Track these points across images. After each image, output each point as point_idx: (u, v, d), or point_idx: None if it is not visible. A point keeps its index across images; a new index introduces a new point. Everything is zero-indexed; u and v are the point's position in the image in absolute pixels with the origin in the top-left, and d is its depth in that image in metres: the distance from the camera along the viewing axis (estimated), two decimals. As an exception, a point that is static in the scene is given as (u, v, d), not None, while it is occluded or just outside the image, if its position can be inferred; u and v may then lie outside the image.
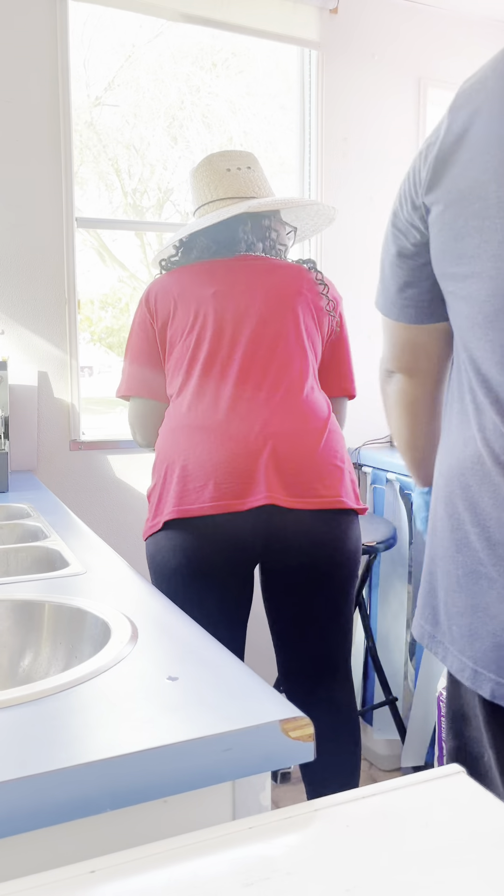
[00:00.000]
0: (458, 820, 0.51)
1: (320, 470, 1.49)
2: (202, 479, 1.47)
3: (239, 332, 1.56)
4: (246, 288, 1.59)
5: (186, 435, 1.52)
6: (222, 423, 1.49)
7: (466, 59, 2.71)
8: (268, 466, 1.47)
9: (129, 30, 2.76)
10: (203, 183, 1.71)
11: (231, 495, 1.46)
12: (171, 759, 0.59)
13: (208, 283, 1.60)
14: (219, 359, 1.55)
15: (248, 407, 1.51)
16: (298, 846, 0.49)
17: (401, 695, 2.28)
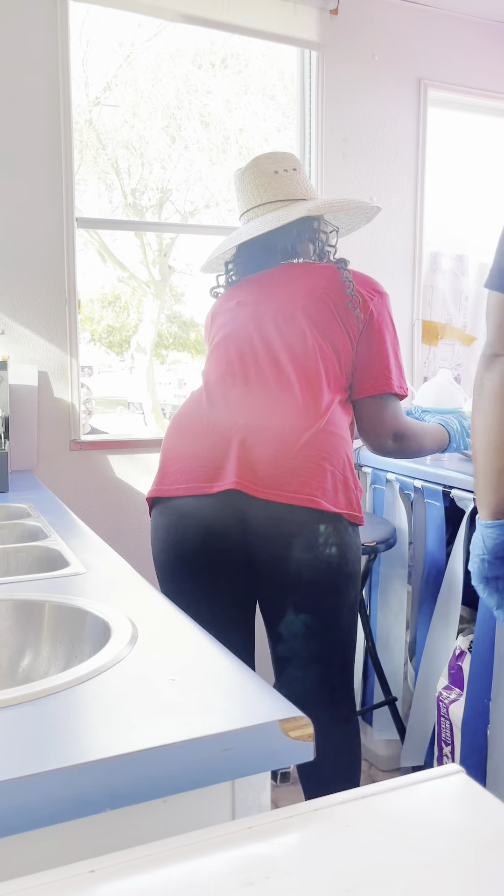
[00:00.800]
0: (457, 819, 0.51)
1: (297, 467, 1.46)
2: (181, 462, 1.55)
3: (246, 336, 1.61)
4: (264, 297, 1.64)
5: (177, 427, 1.62)
6: (205, 416, 1.57)
7: (466, 59, 2.71)
8: (240, 456, 1.48)
9: (127, 30, 2.76)
10: (252, 185, 1.69)
11: (203, 479, 1.51)
12: (170, 759, 0.59)
13: (233, 297, 1.71)
14: (221, 362, 1.62)
15: (234, 401, 1.56)
16: (298, 846, 0.49)
17: (400, 695, 2.28)
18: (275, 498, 1.45)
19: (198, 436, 1.56)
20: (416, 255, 2.71)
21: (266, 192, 1.67)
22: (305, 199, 1.67)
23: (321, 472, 1.46)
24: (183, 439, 1.58)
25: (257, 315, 1.62)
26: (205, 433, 1.55)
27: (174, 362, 12.96)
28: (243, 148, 5.25)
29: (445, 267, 2.82)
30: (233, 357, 1.60)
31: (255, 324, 1.61)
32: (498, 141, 2.98)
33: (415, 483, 2.17)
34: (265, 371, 1.56)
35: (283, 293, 1.63)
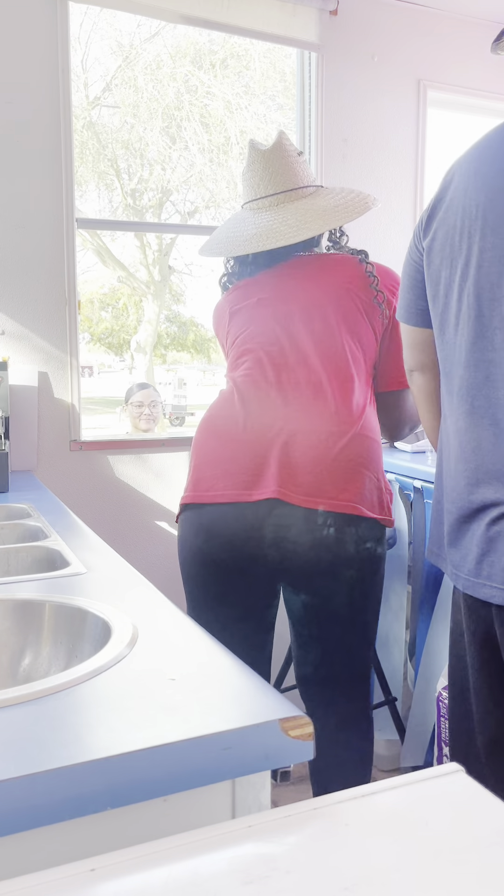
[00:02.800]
0: (457, 818, 0.51)
1: (336, 473, 1.47)
2: (217, 468, 1.53)
3: (275, 336, 1.59)
4: (288, 294, 1.62)
5: (210, 431, 1.59)
6: (240, 421, 1.55)
7: (466, 59, 2.72)
8: (279, 463, 1.48)
9: (127, 30, 2.77)
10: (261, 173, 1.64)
11: (242, 486, 1.50)
12: (170, 758, 0.59)
13: (254, 293, 1.66)
14: (251, 364, 1.60)
15: (269, 406, 1.54)
16: (298, 845, 0.49)
17: (400, 695, 2.28)
18: (315, 505, 1.46)
19: (234, 441, 1.53)
20: (416, 255, 2.72)
21: (276, 181, 1.62)
22: (312, 188, 1.65)
23: (360, 478, 1.49)
24: (218, 444, 1.56)
25: (284, 314, 1.59)
26: (242, 439, 1.53)
27: (174, 362, 12.95)
28: (244, 149, 5.25)
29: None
30: (263, 359, 1.58)
31: (283, 324, 1.59)
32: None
33: (415, 483, 2.17)
34: (298, 374, 1.55)
35: (308, 290, 1.60)
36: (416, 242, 1.30)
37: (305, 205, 1.62)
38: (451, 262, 1.18)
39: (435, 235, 1.22)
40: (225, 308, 1.71)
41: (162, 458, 2.39)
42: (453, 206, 1.18)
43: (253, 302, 1.65)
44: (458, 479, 1.22)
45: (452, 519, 1.24)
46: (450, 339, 1.22)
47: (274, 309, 1.61)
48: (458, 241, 1.16)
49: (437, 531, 1.33)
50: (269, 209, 1.62)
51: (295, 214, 1.60)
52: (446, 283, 1.20)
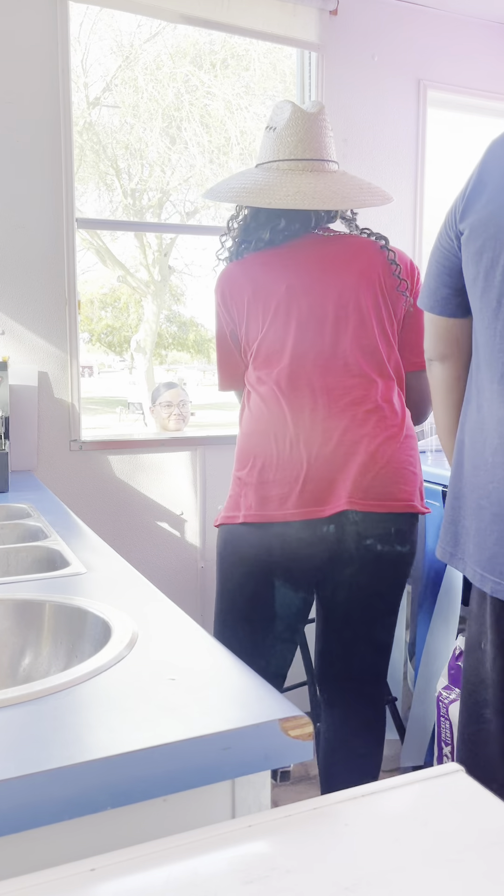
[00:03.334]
0: (457, 818, 0.51)
1: (396, 474, 1.53)
2: (286, 485, 1.52)
3: (316, 335, 1.56)
4: (317, 282, 1.57)
5: (272, 439, 1.55)
6: (307, 431, 1.53)
7: (466, 59, 2.71)
8: (349, 473, 1.51)
9: (126, 30, 2.76)
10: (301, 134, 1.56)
11: (313, 502, 1.51)
12: (170, 758, 0.59)
13: (281, 278, 1.57)
14: (296, 363, 1.55)
15: (329, 414, 1.53)
16: (298, 845, 0.49)
17: (400, 695, 2.28)
18: (380, 509, 1.52)
19: (301, 453, 1.52)
20: (416, 254, 2.71)
21: (315, 146, 1.56)
22: (336, 164, 1.62)
23: (413, 478, 1.57)
24: (283, 454, 1.54)
25: (320, 309, 1.55)
26: (307, 450, 1.52)
27: (174, 362, 12.94)
28: (244, 149, 5.25)
29: (445, 267, 2.82)
30: (308, 363, 1.55)
31: (319, 321, 1.55)
32: (498, 141, 2.98)
33: (414, 483, 2.17)
34: (343, 378, 1.55)
35: (339, 279, 1.57)
36: (447, 228, 1.26)
37: (340, 178, 1.59)
38: (496, 243, 1.14)
39: (476, 217, 1.18)
40: (244, 286, 1.59)
41: (162, 458, 2.39)
42: (495, 187, 1.15)
43: (282, 290, 1.56)
44: (495, 472, 1.15)
45: (486, 515, 1.17)
46: (489, 324, 1.18)
47: (309, 301, 1.55)
48: None
49: (452, 530, 1.29)
50: (304, 172, 1.55)
51: (337, 183, 1.56)
52: (488, 266, 1.16)
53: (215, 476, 2.43)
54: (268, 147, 1.60)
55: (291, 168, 1.56)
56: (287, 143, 1.56)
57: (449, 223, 1.26)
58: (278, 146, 1.58)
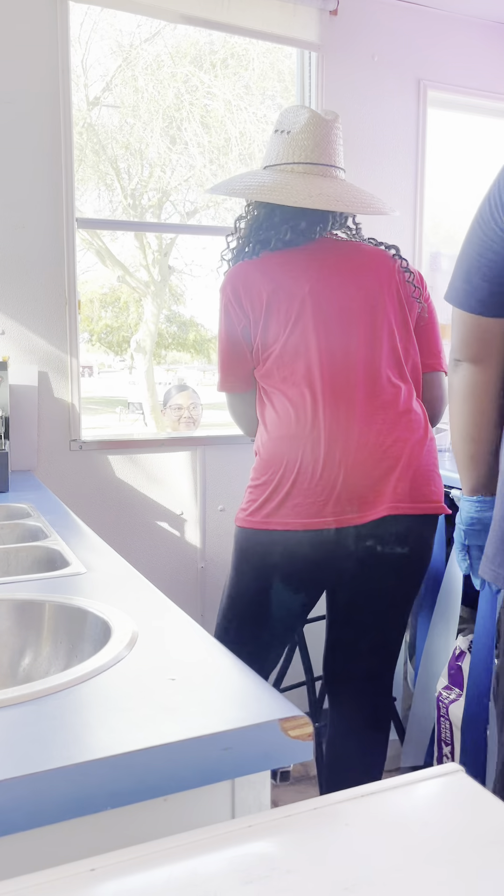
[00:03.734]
0: (457, 818, 0.51)
1: (427, 476, 1.57)
2: (323, 493, 1.51)
3: (347, 337, 1.54)
4: (340, 285, 1.56)
5: (307, 445, 1.53)
6: (343, 436, 1.52)
7: (466, 59, 2.71)
8: (388, 478, 1.53)
9: (126, 30, 2.76)
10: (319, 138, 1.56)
11: (353, 509, 1.51)
12: (170, 758, 0.59)
13: (303, 279, 1.54)
14: (328, 365, 1.54)
15: (364, 418, 1.53)
16: (298, 844, 0.49)
17: (400, 695, 2.28)
18: (416, 511, 1.55)
19: (335, 459, 1.52)
20: (416, 255, 2.71)
21: (330, 152, 1.57)
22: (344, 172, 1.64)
23: (439, 479, 1.61)
24: (318, 460, 1.52)
25: (346, 314, 1.55)
26: (343, 457, 1.52)
27: (174, 362, 12.94)
28: (244, 150, 5.25)
29: (445, 267, 2.83)
30: (337, 365, 1.54)
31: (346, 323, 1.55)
32: (497, 141, 2.98)
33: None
34: (373, 381, 1.55)
35: (360, 285, 1.57)
36: (490, 218, 1.16)
37: (352, 186, 1.62)
38: None
39: None
40: (263, 285, 1.55)
41: (162, 458, 2.39)
42: None
43: (305, 291, 1.53)
44: None
45: None
46: None
47: (334, 304, 1.54)
48: None
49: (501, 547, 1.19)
50: (319, 176, 1.54)
51: (353, 189, 1.60)
52: None
53: (215, 476, 2.43)
54: (280, 149, 1.58)
55: (307, 171, 1.54)
56: (304, 147, 1.54)
57: (492, 212, 1.15)
58: (293, 149, 1.56)
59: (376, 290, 1.58)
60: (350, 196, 1.57)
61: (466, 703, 1.84)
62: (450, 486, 1.97)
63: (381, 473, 1.52)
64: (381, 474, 1.52)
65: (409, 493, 1.53)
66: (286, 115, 1.60)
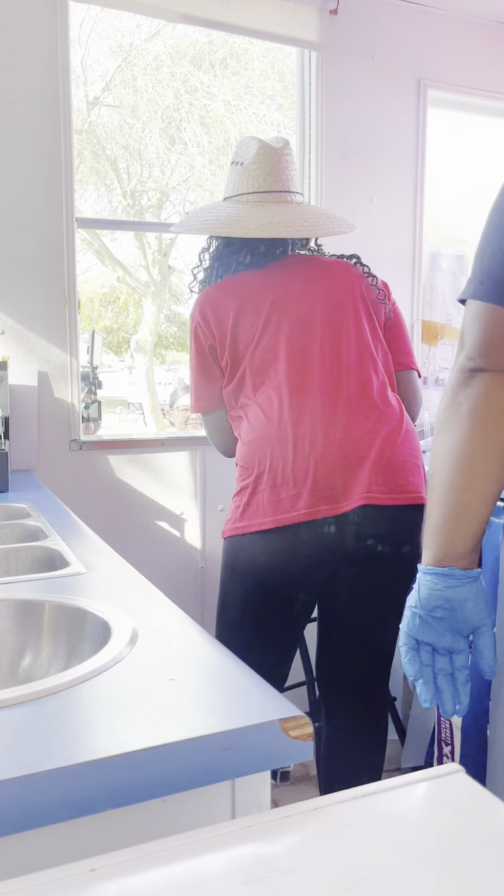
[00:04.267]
0: (457, 818, 0.51)
1: (402, 467, 1.56)
2: (294, 487, 1.52)
3: (309, 339, 1.59)
4: (302, 292, 1.63)
5: (275, 443, 1.55)
6: (310, 431, 1.54)
7: (466, 59, 2.71)
8: (359, 470, 1.52)
9: (126, 30, 2.76)
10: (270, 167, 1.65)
11: (325, 501, 1.51)
12: (170, 758, 0.59)
13: (266, 293, 1.62)
14: (293, 367, 1.58)
15: (330, 413, 1.55)
16: (298, 845, 0.49)
17: (400, 695, 2.28)
18: (393, 501, 1.53)
19: (307, 454, 1.53)
20: (416, 255, 2.71)
21: (282, 178, 1.65)
22: (300, 195, 1.71)
23: (417, 469, 1.60)
24: (287, 456, 1.54)
25: (309, 317, 1.60)
26: (313, 451, 1.52)
27: (174, 362, 12.93)
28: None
29: (445, 267, 2.83)
30: (303, 366, 1.58)
31: (310, 326, 1.60)
32: (498, 141, 2.99)
33: (414, 483, 2.16)
34: (341, 377, 1.58)
35: (323, 290, 1.63)
36: None
37: (307, 209, 1.69)
38: None
39: None
40: (228, 304, 1.62)
41: (162, 458, 2.39)
42: None
43: (268, 303, 1.60)
44: None
45: None
46: None
47: (297, 310, 1.60)
48: None
49: None
50: (273, 203, 1.63)
51: (305, 213, 1.66)
52: None
53: (215, 476, 2.43)
54: (235, 181, 1.68)
55: (261, 200, 1.64)
56: (255, 177, 1.65)
57: None
58: (246, 179, 1.66)
59: (339, 293, 1.64)
60: (301, 221, 1.63)
61: (466, 702, 1.83)
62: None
63: (353, 465, 1.52)
64: (353, 466, 1.52)
65: (383, 483, 1.52)
66: (240, 147, 1.70)
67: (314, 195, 2.54)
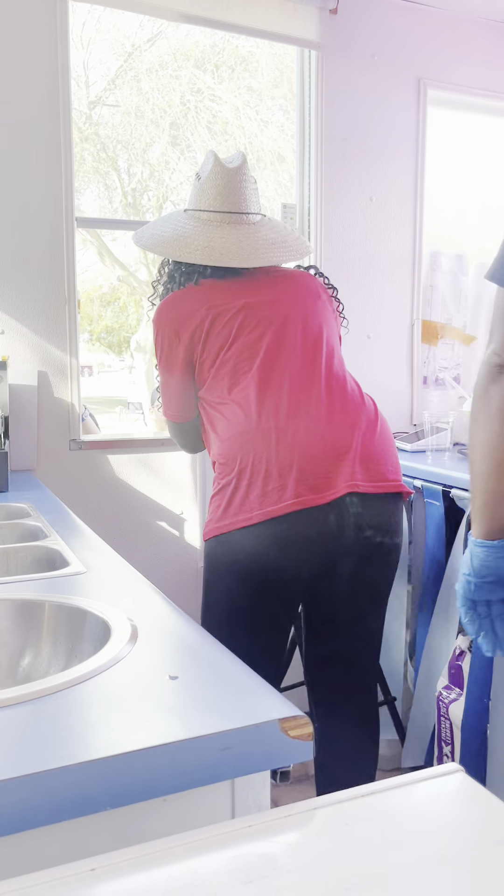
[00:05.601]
0: (456, 818, 0.51)
1: (381, 458, 1.59)
2: (280, 479, 1.52)
3: (284, 339, 1.63)
4: (273, 296, 1.67)
5: (256, 438, 1.55)
6: (291, 425, 1.55)
7: (466, 59, 2.71)
8: (342, 460, 1.54)
9: (129, 31, 2.76)
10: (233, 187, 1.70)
11: (311, 490, 1.52)
12: (170, 758, 0.59)
13: (236, 297, 1.64)
14: (269, 366, 1.60)
15: (309, 407, 1.57)
16: (298, 844, 0.49)
17: (400, 695, 2.28)
18: (377, 490, 1.56)
19: (290, 446, 1.53)
20: (416, 254, 2.71)
21: (233, 200, 1.69)
22: (258, 216, 1.76)
23: (394, 460, 1.63)
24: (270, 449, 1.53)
25: (281, 317, 1.64)
26: (295, 443, 1.53)
27: (174, 362, 12.82)
28: (252, 156, 5.25)
29: (445, 266, 2.82)
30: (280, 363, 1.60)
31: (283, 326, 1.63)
32: (498, 141, 2.99)
33: (415, 483, 2.17)
34: (317, 374, 1.61)
35: (289, 292, 1.69)
36: None
37: (255, 231, 1.71)
38: None
39: None
40: (197, 308, 1.64)
41: (162, 458, 2.39)
42: None
43: (240, 305, 1.62)
44: None
45: None
46: None
47: (269, 312, 1.64)
48: None
49: None
50: (221, 224, 1.67)
51: (248, 239, 1.68)
52: None
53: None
54: (193, 195, 1.74)
55: (210, 219, 1.68)
56: (207, 195, 1.69)
57: None
58: (200, 196, 1.71)
59: (308, 297, 1.70)
60: (238, 247, 1.65)
61: (466, 703, 1.84)
62: (437, 483, 1.97)
63: (336, 456, 1.54)
64: (336, 457, 1.54)
65: (365, 473, 1.55)
66: (204, 160, 1.74)
67: (314, 195, 2.54)
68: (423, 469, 2.16)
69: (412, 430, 2.62)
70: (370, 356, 2.65)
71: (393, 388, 2.70)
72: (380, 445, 1.60)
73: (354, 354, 2.66)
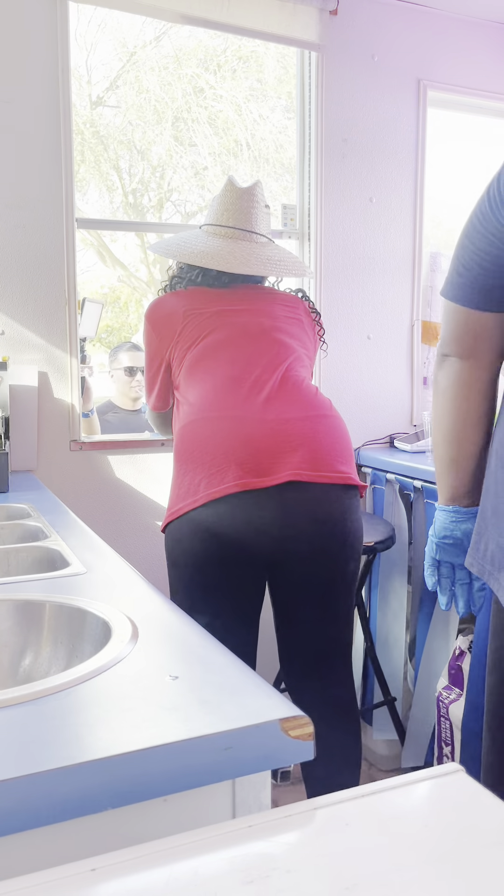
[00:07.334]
0: (457, 818, 0.51)
1: (331, 451, 1.61)
2: (225, 462, 1.56)
3: (249, 341, 1.71)
4: (249, 308, 1.78)
5: (205, 424, 1.62)
6: (240, 414, 1.60)
7: (466, 59, 2.71)
8: (288, 453, 1.56)
9: (131, 32, 2.77)
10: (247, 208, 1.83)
11: (253, 475, 1.54)
12: (171, 758, 0.59)
13: (213, 303, 1.77)
14: (231, 363, 1.68)
15: (263, 401, 1.62)
16: (298, 844, 0.49)
17: (400, 695, 2.28)
18: (322, 480, 1.57)
19: (234, 432, 1.58)
20: (416, 255, 2.71)
21: (240, 218, 1.82)
22: (265, 238, 1.86)
23: (350, 454, 1.67)
24: (217, 436, 1.59)
25: (253, 323, 1.74)
26: (240, 429, 1.58)
27: (174, 362, 12.85)
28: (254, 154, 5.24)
29: (445, 267, 2.82)
30: (241, 361, 1.68)
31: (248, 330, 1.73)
32: (498, 141, 2.99)
33: (414, 483, 2.17)
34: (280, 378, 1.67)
35: (264, 305, 1.81)
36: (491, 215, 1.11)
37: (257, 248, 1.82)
38: None
39: None
40: (177, 308, 1.77)
41: (162, 458, 2.39)
42: None
43: (214, 310, 1.74)
44: None
45: None
46: None
47: (241, 319, 1.75)
48: None
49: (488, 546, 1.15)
50: (224, 238, 1.81)
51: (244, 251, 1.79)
52: None
53: (215, 476, 2.43)
54: (207, 212, 1.89)
55: (214, 231, 1.82)
56: (214, 211, 1.84)
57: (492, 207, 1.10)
58: (210, 212, 1.86)
59: (284, 313, 1.79)
60: (231, 255, 1.77)
61: (466, 703, 1.84)
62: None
63: (283, 447, 1.57)
64: (283, 448, 1.57)
65: (310, 464, 1.57)
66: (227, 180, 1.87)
67: (314, 195, 2.54)
68: (422, 469, 2.16)
69: (412, 430, 2.62)
70: (370, 357, 2.65)
71: (393, 389, 2.70)
72: (331, 440, 1.62)
73: (354, 355, 2.66)
